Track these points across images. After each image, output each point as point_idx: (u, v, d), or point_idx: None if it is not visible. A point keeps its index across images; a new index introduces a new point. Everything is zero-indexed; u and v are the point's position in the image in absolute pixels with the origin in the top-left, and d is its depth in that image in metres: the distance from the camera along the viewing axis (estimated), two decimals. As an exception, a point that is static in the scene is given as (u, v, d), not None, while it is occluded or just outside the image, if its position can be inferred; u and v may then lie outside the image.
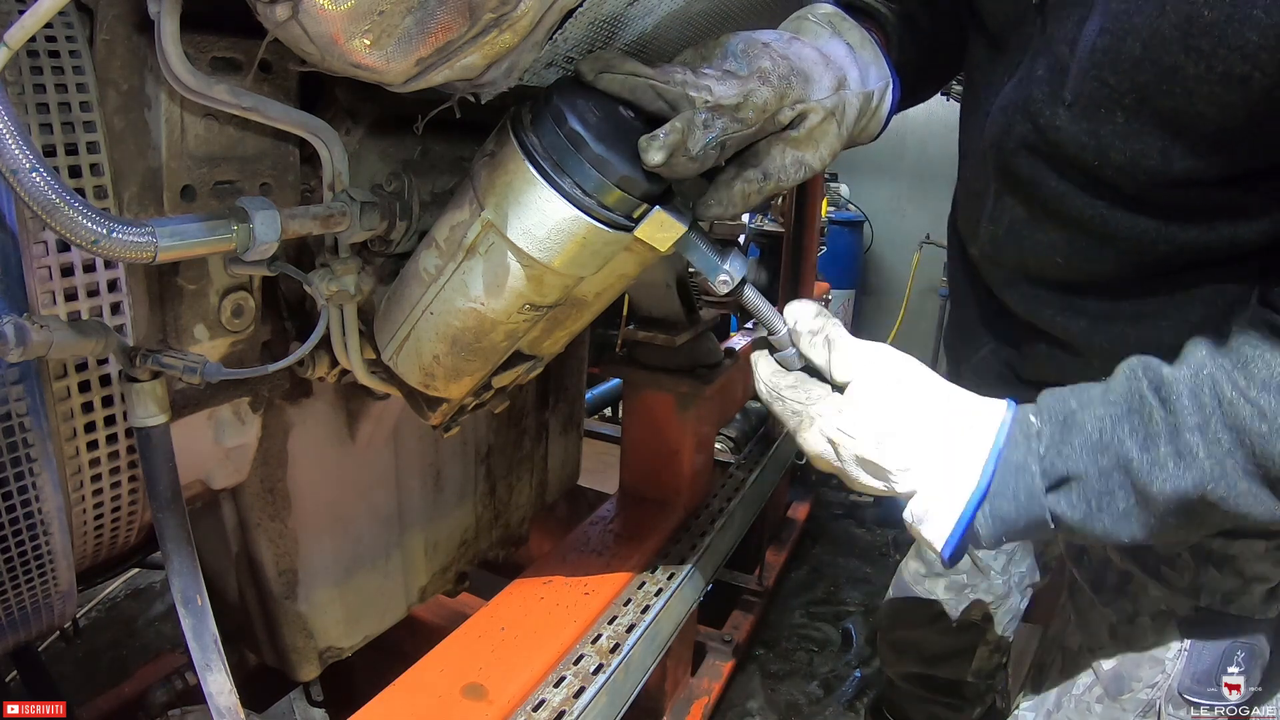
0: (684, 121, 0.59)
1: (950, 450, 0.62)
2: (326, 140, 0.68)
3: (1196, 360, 0.59)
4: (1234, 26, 0.53)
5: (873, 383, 0.64)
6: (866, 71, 0.73)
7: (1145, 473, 0.58)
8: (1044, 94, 0.67)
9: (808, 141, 0.69)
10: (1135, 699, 0.87)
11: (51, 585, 0.72)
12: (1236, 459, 0.56)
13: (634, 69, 0.61)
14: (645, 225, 0.62)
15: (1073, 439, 0.61)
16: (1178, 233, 0.67)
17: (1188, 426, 0.57)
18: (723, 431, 1.93)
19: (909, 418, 0.63)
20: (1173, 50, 0.56)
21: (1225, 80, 0.55)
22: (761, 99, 0.62)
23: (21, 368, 0.62)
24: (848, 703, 1.90)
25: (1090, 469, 0.60)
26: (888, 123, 0.80)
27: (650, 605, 1.24)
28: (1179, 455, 0.57)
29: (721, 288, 0.66)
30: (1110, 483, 0.60)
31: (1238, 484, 0.57)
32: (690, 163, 0.60)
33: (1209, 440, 0.57)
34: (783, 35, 0.69)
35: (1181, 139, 0.60)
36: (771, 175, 0.67)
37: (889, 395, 0.64)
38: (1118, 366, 0.64)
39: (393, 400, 0.99)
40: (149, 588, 2.19)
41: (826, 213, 4.54)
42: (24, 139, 0.44)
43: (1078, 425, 0.61)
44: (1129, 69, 0.59)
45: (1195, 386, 0.58)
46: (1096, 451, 0.60)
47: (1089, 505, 0.61)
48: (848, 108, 0.71)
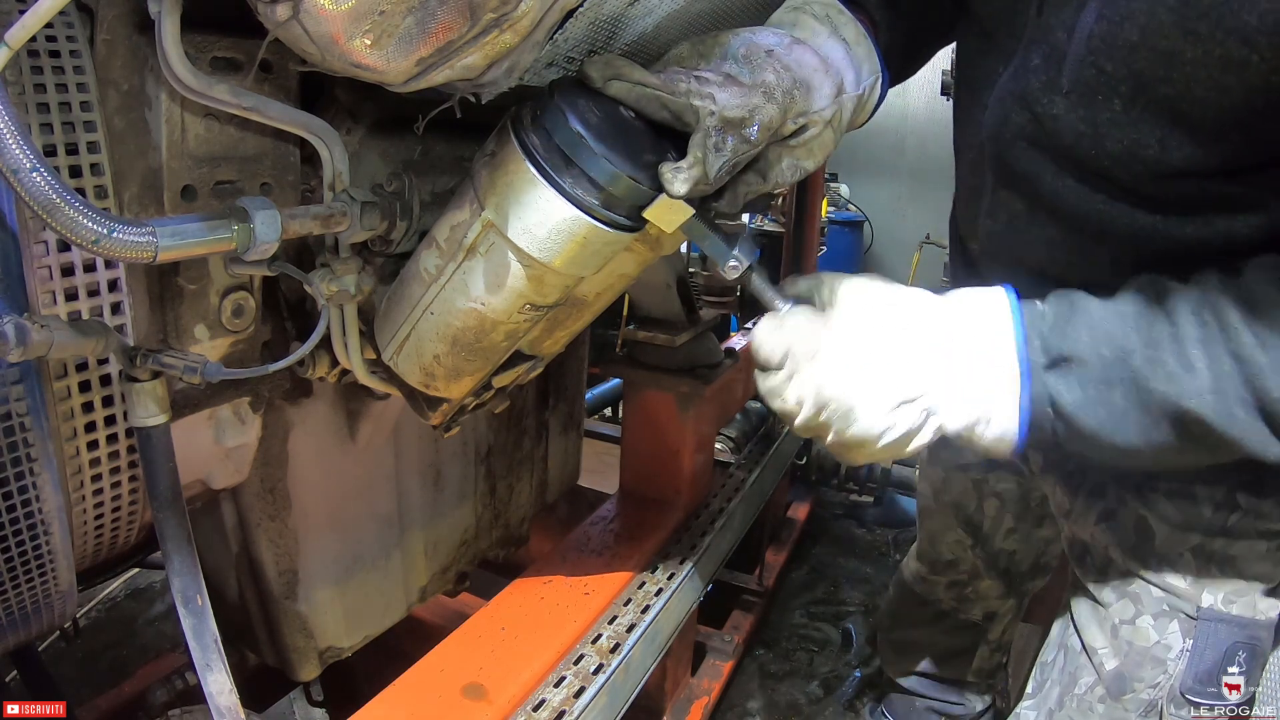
0: (701, 150, 0.60)
1: (973, 343, 0.64)
2: (327, 140, 0.68)
3: (1205, 283, 0.60)
4: (1232, 10, 0.53)
5: (857, 306, 0.66)
6: (860, 70, 0.74)
7: (1147, 370, 0.59)
8: (1041, 83, 0.67)
9: (805, 149, 0.70)
10: (1137, 699, 0.87)
11: (51, 585, 0.72)
12: (1235, 383, 0.57)
13: (642, 78, 0.61)
14: (655, 207, 0.63)
15: (1077, 322, 0.61)
16: (1174, 228, 0.67)
17: (1191, 339, 0.58)
18: (723, 431, 1.93)
19: (919, 337, 0.65)
20: (1170, 35, 0.56)
21: (1223, 64, 0.55)
22: (768, 118, 0.63)
23: (22, 367, 0.62)
24: (848, 703, 1.90)
25: (1092, 355, 0.61)
26: (874, 111, 0.80)
27: (650, 605, 1.24)
28: (1180, 362, 0.58)
29: (731, 273, 0.67)
30: (1110, 374, 0.60)
31: (1233, 409, 0.57)
32: (707, 187, 0.62)
33: (1210, 357, 0.57)
34: (783, 39, 0.68)
35: (1178, 128, 0.60)
36: (770, 179, 0.69)
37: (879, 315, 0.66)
38: (1126, 281, 0.65)
39: (393, 400, 0.99)
40: (149, 588, 2.19)
41: (826, 213, 4.54)
42: (24, 139, 0.44)
43: (1083, 311, 0.62)
44: (1126, 55, 0.59)
45: (1199, 306, 0.59)
46: (1100, 340, 0.60)
47: (1086, 392, 0.61)
48: (844, 112, 0.71)
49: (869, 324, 0.66)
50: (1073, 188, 0.70)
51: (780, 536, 2.35)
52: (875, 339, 0.65)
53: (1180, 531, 0.81)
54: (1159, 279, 0.63)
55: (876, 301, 0.67)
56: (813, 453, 2.58)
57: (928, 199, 5.09)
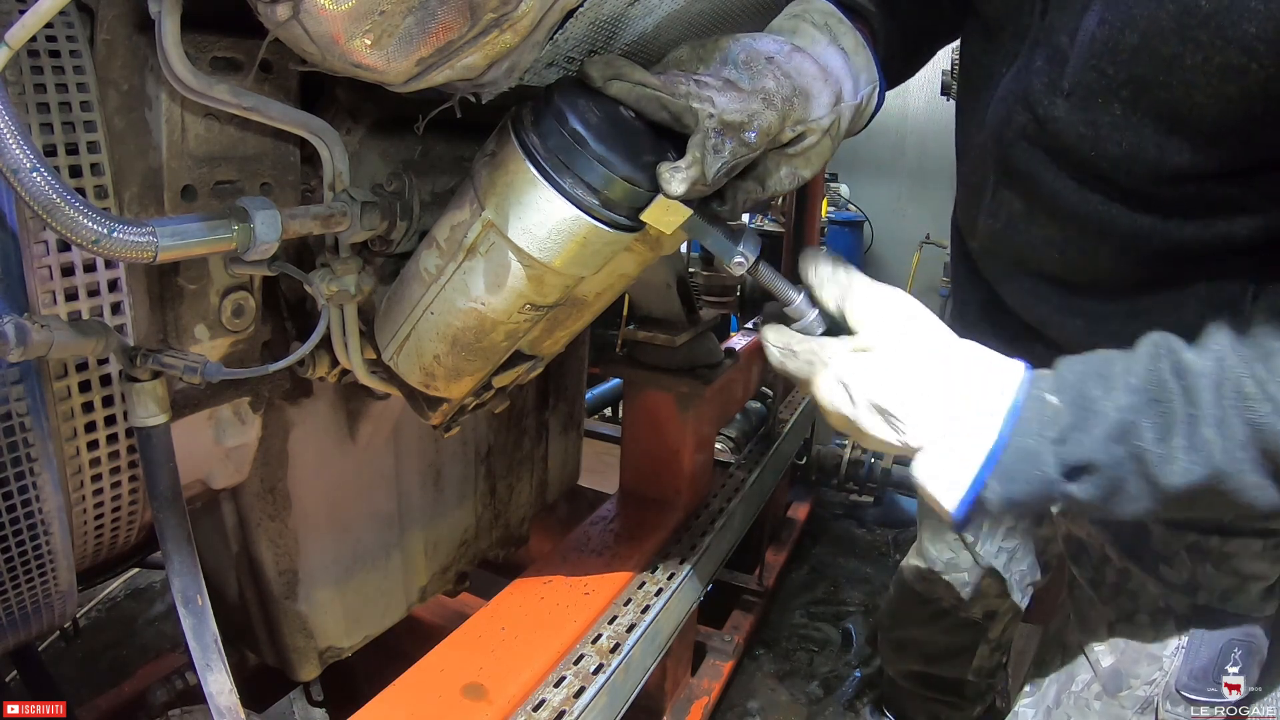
0: (700, 150, 0.60)
1: (965, 407, 0.62)
2: (327, 140, 0.68)
3: (1219, 349, 0.59)
4: (1232, 18, 0.53)
5: (889, 328, 0.64)
6: (859, 79, 0.74)
7: (1158, 466, 0.58)
8: (1043, 84, 0.68)
9: (803, 157, 0.70)
10: (1134, 696, 0.87)
11: (51, 585, 0.72)
12: (1249, 453, 0.56)
13: (642, 78, 0.61)
14: (652, 209, 0.62)
15: (1092, 429, 0.60)
16: (1173, 229, 0.67)
17: (1206, 421, 0.57)
18: (723, 431, 1.93)
19: (923, 367, 0.63)
20: (1171, 41, 0.56)
21: (1223, 72, 0.55)
22: (766, 123, 0.63)
23: (22, 367, 0.62)
24: (848, 703, 1.90)
25: (1106, 459, 0.60)
26: (871, 119, 0.80)
27: (650, 605, 1.24)
28: (1193, 449, 0.57)
29: (737, 269, 0.67)
30: (1123, 470, 0.60)
31: (1247, 477, 0.57)
32: (704, 188, 0.62)
33: (1225, 435, 0.57)
34: (783, 46, 0.68)
35: (1178, 132, 0.60)
36: (768, 186, 0.69)
37: (904, 341, 0.64)
38: (1140, 340, 0.63)
39: (393, 400, 0.99)
40: (149, 588, 2.19)
41: (826, 213, 4.55)
42: (24, 139, 0.44)
43: (1098, 414, 0.60)
44: (1127, 60, 0.60)
45: (1219, 379, 0.58)
46: (1114, 441, 0.60)
47: (1101, 492, 0.61)
48: (841, 120, 0.72)
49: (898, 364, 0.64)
50: (1072, 188, 0.70)
51: (780, 536, 2.35)
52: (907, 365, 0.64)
53: (1176, 530, 0.82)
54: (1174, 344, 0.61)
55: (911, 342, 0.65)
56: (813, 453, 2.58)
57: (928, 199, 5.10)
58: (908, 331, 0.64)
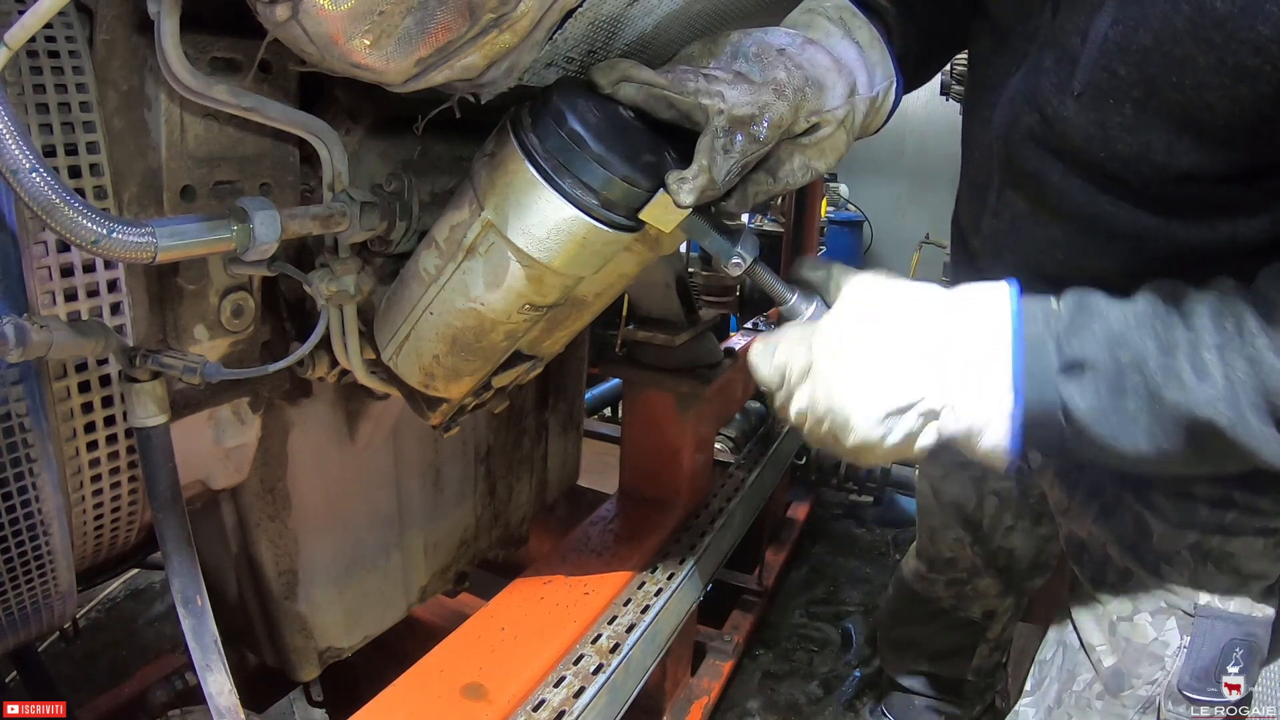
0: (707, 156, 0.59)
1: (968, 351, 0.62)
2: (326, 140, 0.68)
3: (1222, 288, 0.59)
4: (1246, 19, 0.53)
5: (849, 314, 0.66)
6: (874, 73, 0.73)
7: (1160, 376, 0.58)
8: (1052, 84, 0.67)
9: (817, 149, 0.69)
10: (1135, 695, 0.87)
11: (51, 585, 0.72)
12: (1249, 391, 0.56)
13: (649, 79, 0.61)
14: (651, 207, 0.62)
15: (1092, 325, 0.60)
16: (1180, 230, 0.67)
17: (1206, 345, 0.57)
18: (723, 431, 1.93)
19: (906, 337, 0.64)
20: (1184, 42, 0.56)
21: (1236, 73, 0.55)
22: (778, 115, 0.62)
23: (21, 368, 0.62)
24: (848, 703, 1.90)
25: (1106, 359, 0.59)
26: (889, 118, 0.80)
27: (650, 605, 1.24)
28: (1195, 369, 0.57)
29: (735, 270, 0.67)
30: (1124, 380, 0.59)
31: (1247, 416, 0.56)
32: (715, 193, 0.61)
33: (1225, 363, 0.56)
34: (796, 39, 0.68)
35: (1188, 133, 0.60)
36: (781, 179, 0.68)
37: (872, 322, 0.65)
38: (1141, 284, 0.63)
39: (393, 400, 0.99)
40: (149, 588, 2.19)
41: (826, 213, 4.55)
42: (24, 139, 0.44)
43: (1098, 313, 0.60)
44: (1139, 60, 0.59)
45: (1218, 310, 0.58)
46: (1115, 344, 0.59)
47: (1099, 397, 0.60)
48: (856, 113, 0.71)
49: (860, 332, 0.65)
50: (1080, 189, 0.70)
51: (780, 536, 2.35)
52: (866, 347, 0.64)
53: (1178, 529, 0.82)
54: (1175, 282, 0.61)
55: (872, 307, 0.66)
56: (812, 453, 2.58)
57: (927, 199, 5.10)
58: (878, 316, 0.65)
